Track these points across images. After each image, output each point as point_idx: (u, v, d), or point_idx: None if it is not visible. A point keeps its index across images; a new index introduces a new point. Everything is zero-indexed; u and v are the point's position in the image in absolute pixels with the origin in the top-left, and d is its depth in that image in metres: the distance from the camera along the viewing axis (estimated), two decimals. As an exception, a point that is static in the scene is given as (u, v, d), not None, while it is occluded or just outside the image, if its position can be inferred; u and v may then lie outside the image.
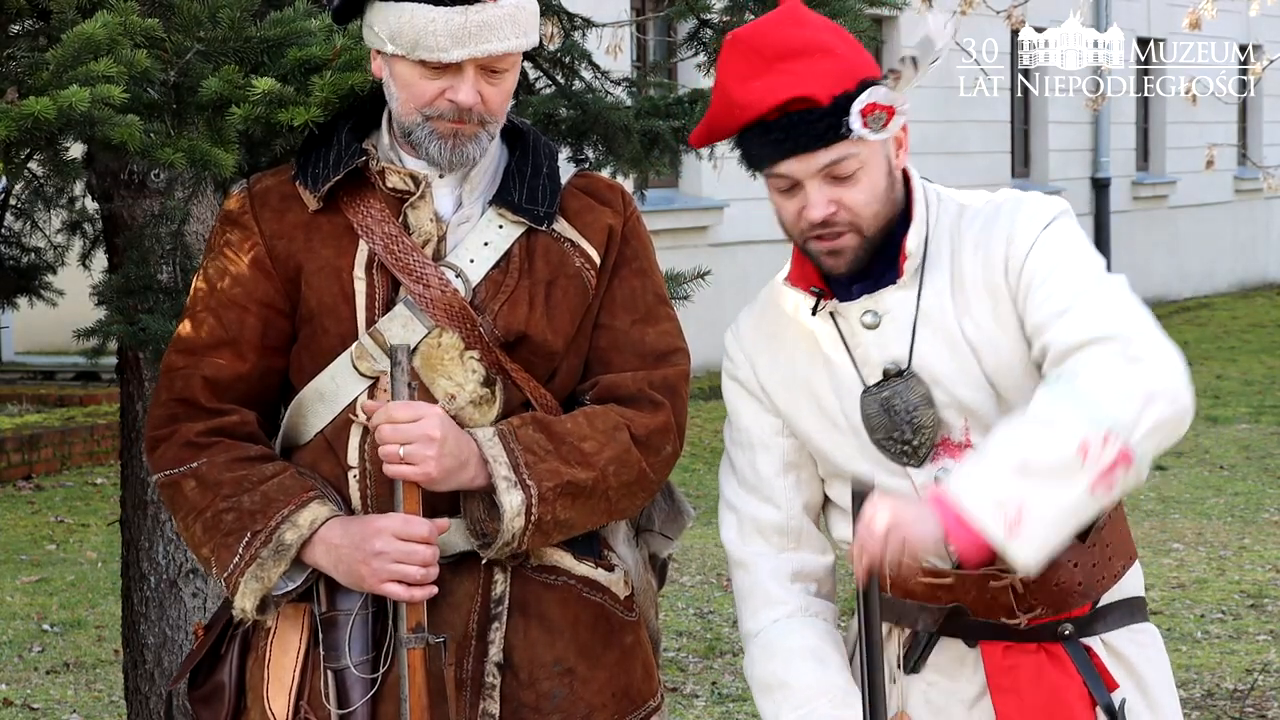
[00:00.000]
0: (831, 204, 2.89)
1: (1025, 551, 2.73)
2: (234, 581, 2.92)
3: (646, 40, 13.18)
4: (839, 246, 2.92)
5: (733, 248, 14.96)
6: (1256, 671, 7.11)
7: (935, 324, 2.94)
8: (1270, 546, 9.32)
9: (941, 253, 2.97)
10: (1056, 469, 2.71)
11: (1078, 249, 2.92)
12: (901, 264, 2.94)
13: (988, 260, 2.93)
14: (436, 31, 2.86)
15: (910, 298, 2.95)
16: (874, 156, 2.90)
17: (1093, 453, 2.70)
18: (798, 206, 2.91)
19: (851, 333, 2.99)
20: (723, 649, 7.57)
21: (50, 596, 8.51)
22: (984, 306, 2.92)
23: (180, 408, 3.00)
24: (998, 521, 2.71)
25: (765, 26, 2.93)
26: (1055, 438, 2.72)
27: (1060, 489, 2.71)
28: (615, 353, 3.04)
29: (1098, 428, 2.71)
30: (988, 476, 2.74)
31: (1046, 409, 2.75)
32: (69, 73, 2.97)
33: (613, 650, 3.07)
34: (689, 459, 11.91)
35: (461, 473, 2.90)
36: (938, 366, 2.94)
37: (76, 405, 12.66)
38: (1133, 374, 2.75)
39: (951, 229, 2.98)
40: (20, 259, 5.24)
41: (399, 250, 2.97)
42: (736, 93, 2.90)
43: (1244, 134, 23.51)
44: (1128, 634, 3.03)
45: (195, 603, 4.86)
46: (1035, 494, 2.71)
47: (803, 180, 2.89)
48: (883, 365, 2.96)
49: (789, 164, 2.89)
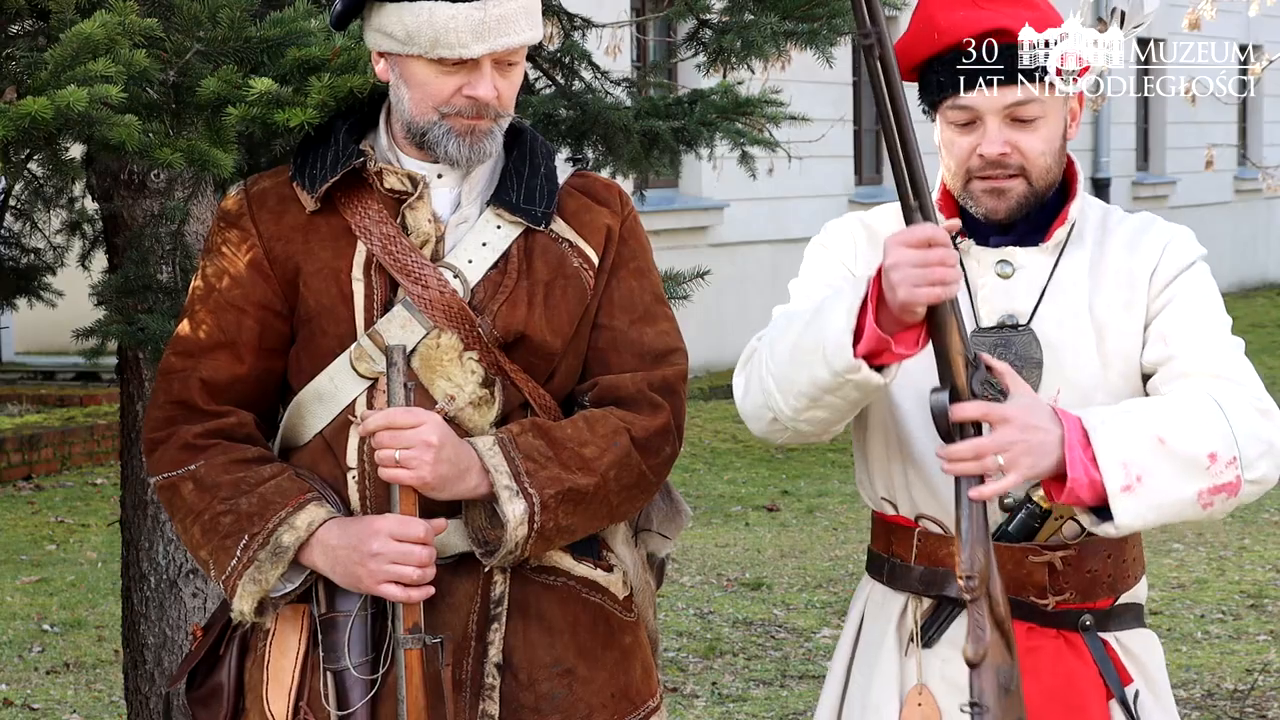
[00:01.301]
0: (1007, 144, 2.95)
1: (1128, 514, 2.80)
2: (232, 584, 2.92)
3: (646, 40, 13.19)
4: (1005, 186, 2.97)
5: (732, 248, 14.96)
6: (1256, 672, 7.11)
7: (1066, 292, 3.01)
8: (1270, 547, 9.32)
9: (1086, 236, 3.04)
10: (1186, 461, 2.81)
11: (1218, 296, 3.05)
12: (1053, 229, 3.01)
13: (1138, 254, 3.01)
14: (458, 28, 2.87)
15: (1048, 262, 3.02)
16: (1055, 110, 2.98)
17: (1218, 465, 2.82)
18: (973, 142, 2.97)
19: (980, 275, 3.03)
20: (722, 649, 7.57)
21: (50, 597, 8.51)
22: (1120, 292, 3.00)
23: (178, 410, 3.00)
24: (1118, 476, 2.78)
25: None
26: (1198, 433, 2.82)
27: (1180, 480, 2.81)
28: (614, 353, 3.04)
29: (1230, 447, 2.83)
30: (1129, 431, 2.81)
31: (1201, 403, 2.85)
32: (67, 73, 2.97)
33: (612, 650, 3.07)
34: (688, 459, 11.92)
35: (462, 482, 2.90)
36: (1055, 332, 2.99)
37: (76, 405, 12.66)
38: (1263, 424, 2.87)
39: (1098, 223, 3.07)
40: (20, 259, 5.24)
41: (397, 251, 2.97)
42: (940, 18, 2.97)
43: (1244, 134, 23.52)
44: (1135, 636, 3.07)
45: (195, 603, 4.86)
46: (1159, 471, 2.80)
47: (984, 115, 2.95)
48: (1002, 314, 3.01)
49: (976, 96, 2.95)
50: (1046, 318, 3.00)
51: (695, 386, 13.47)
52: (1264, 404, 2.90)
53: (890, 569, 3.08)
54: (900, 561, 3.06)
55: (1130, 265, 3.01)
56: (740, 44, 4.83)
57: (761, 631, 7.82)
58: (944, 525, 3.01)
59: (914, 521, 3.05)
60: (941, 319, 2.77)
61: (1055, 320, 3.00)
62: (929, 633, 3.04)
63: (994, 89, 2.94)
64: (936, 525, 3.02)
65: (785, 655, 7.45)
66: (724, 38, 4.86)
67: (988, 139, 2.95)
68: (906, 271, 2.72)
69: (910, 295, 2.73)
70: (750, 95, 5.08)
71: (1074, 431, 2.79)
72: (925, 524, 3.03)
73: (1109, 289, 3.01)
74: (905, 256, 2.73)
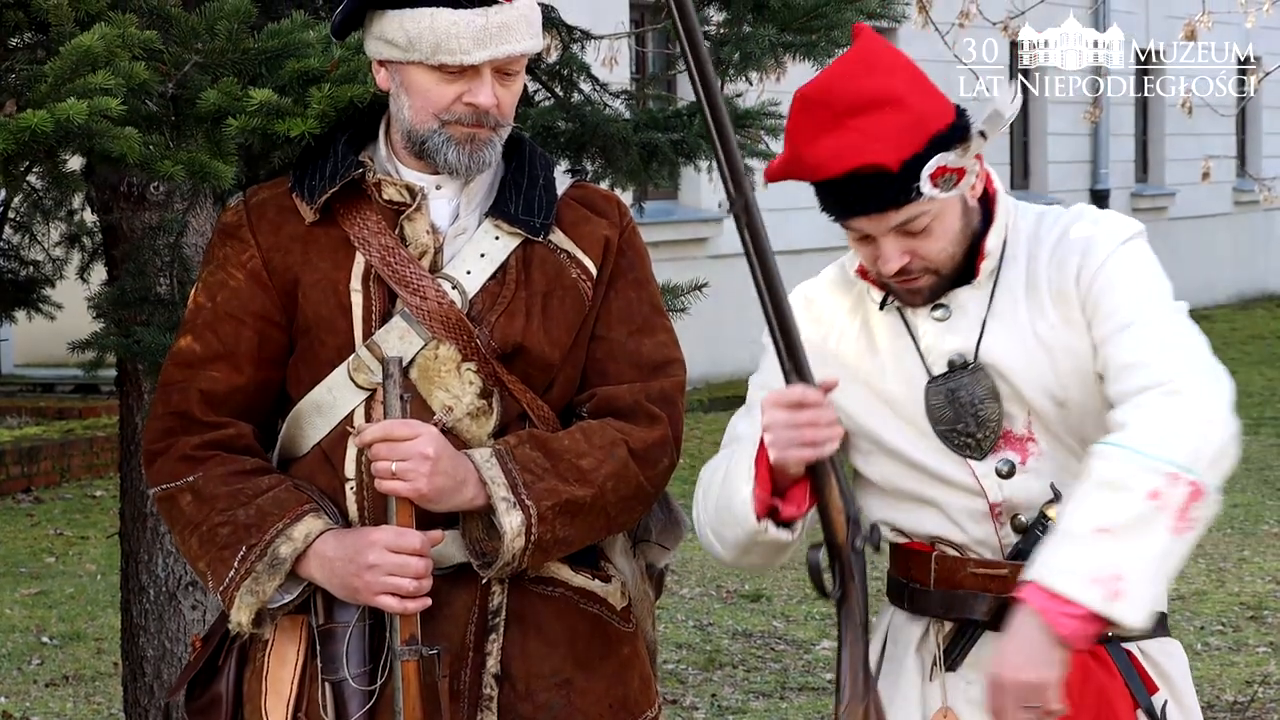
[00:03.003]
0: (905, 255, 2.92)
1: (1133, 613, 2.77)
2: (229, 595, 2.92)
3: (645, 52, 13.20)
4: (916, 286, 2.96)
5: (732, 260, 14.87)
6: (1256, 683, 7.11)
7: (1007, 321, 2.98)
8: (1270, 558, 9.32)
9: (1018, 255, 3.00)
10: (1136, 522, 2.75)
11: (1148, 270, 2.97)
12: (979, 264, 2.98)
13: (1062, 265, 2.97)
14: (460, 34, 2.87)
15: (983, 295, 3.00)
16: (948, 204, 2.92)
17: (1164, 496, 2.76)
18: (873, 254, 2.95)
19: (919, 324, 3.02)
20: (722, 661, 7.56)
21: (49, 609, 8.50)
22: (1056, 310, 2.96)
23: (176, 421, 3.00)
24: (1096, 594, 2.75)
25: (834, 79, 2.91)
26: (1125, 495, 2.76)
27: (1146, 540, 2.76)
28: (612, 364, 3.04)
29: (1161, 472, 2.76)
30: (1072, 553, 2.77)
31: (1108, 472, 2.79)
32: (67, 85, 2.97)
33: (610, 661, 3.07)
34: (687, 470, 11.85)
35: (459, 494, 2.90)
36: (1005, 360, 2.97)
37: (76, 418, 12.65)
38: (1181, 412, 2.80)
39: (1030, 234, 3.02)
40: (19, 272, 5.24)
41: (395, 262, 2.97)
42: (805, 152, 2.90)
43: (1243, 146, 23.53)
44: (1158, 645, 3.05)
45: (195, 615, 4.86)
46: (1125, 553, 2.75)
47: (875, 236, 2.91)
48: (949, 357, 2.99)
49: (860, 221, 2.91)
50: (993, 349, 2.97)
51: (694, 398, 13.48)
52: (1179, 384, 2.80)
53: (910, 594, 3.07)
54: (919, 586, 3.05)
55: (1059, 280, 2.96)
56: (738, 56, 4.83)
57: (761, 643, 7.81)
58: (960, 547, 3.01)
59: (930, 546, 3.05)
60: (821, 476, 2.87)
61: (1002, 349, 2.96)
62: (952, 655, 3.03)
63: (874, 216, 2.88)
64: (952, 549, 3.02)
65: (785, 667, 7.45)
66: (722, 50, 4.87)
67: (884, 257, 2.91)
68: (779, 433, 2.84)
69: (782, 456, 2.85)
70: (749, 108, 5.08)
71: (1040, 601, 2.77)
72: (941, 548, 3.03)
73: (1047, 309, 2.96)
74: (777, 418, 2.84)
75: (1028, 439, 2.97)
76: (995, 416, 2.96)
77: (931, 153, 2.87)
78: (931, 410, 2.99)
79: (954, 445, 2.99)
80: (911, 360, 3.01)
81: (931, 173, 2.86)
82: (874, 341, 3.05)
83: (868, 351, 3.05)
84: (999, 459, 2.97)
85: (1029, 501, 2.97)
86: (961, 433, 2.97)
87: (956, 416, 2.97)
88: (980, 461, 2.97)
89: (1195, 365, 2.86)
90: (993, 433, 2.97)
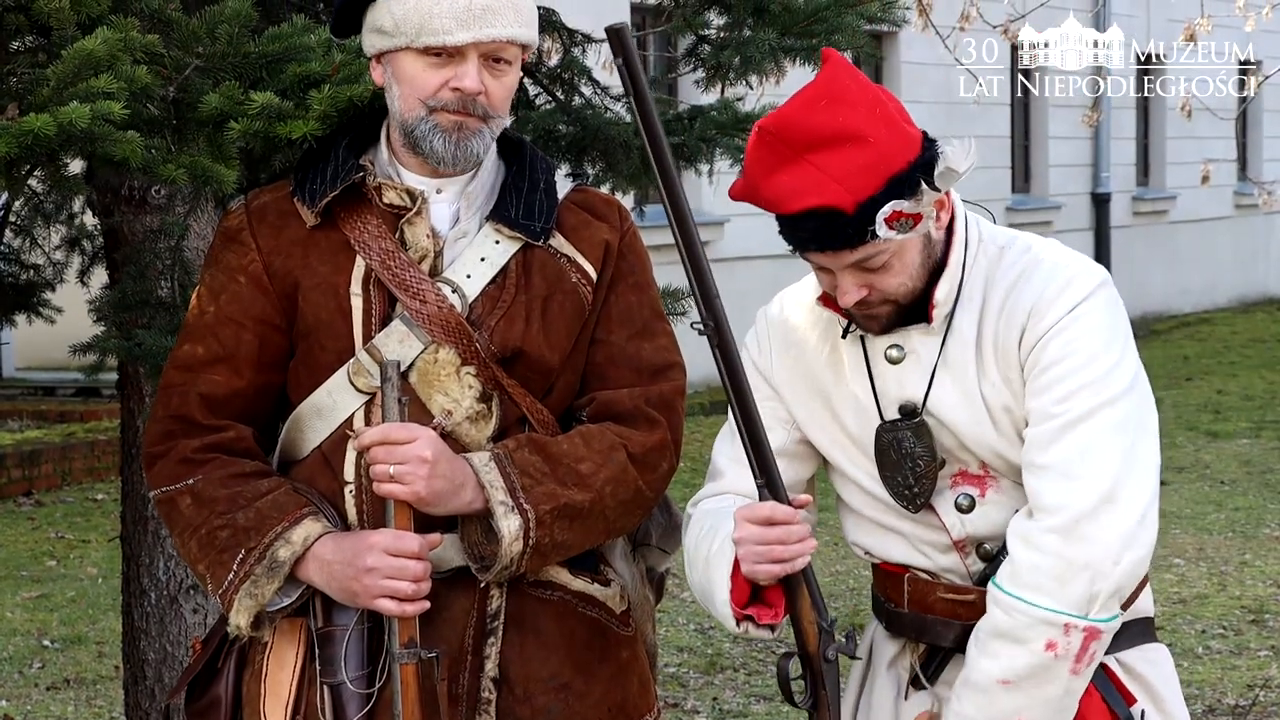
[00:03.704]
0: (863, 288, 2.91)
1: None
2: (228, 598, 2.93)
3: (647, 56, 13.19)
4: (874, 314, 2.96)
5: (733, 263, 14.97)
6: (1258, 687, 7.11)
7: (956, 374, 2.97)
8: (1271, 562, 9.31)
9: (974, 297, 2.97)
10: (1036, 672, 2.87)
11: (1096, 341, 2.90)
12: (931, 311, 2.96)
13: (1010, 321, 2.94)
14: (441, 14, 2.89)
15: (936, 342, 2.98)
16: (908, 241, 2.89)
17: (1061, 646, 2.86)
18: (832, 284, 2.94)
19: (876, 362, 3.01)
20: (724, 664, 7.56)
21: (51, 612, 8.50)
22: (999, 370, 2.95)
23: (177, 424, 3.01)
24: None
25: (795, 112, 2.86)
26: (1023, 649, 2.86)
27: (1046, 688, 2.88)
28: (612, 368, 3.04)
29: (1057, 624, 2.85)
30: (979, 703, 2.90)
31: (1006, 623, 2.88)
32: (69, 89, 2.97)
33: (608, 665, 3.07)
34: (689, 474, 11.89)
35: (457, 497, 2.90)
36: (951, 415, 2.97)
37: (77, 421, 12.66)
38: (1068, 554, 2.84)
39: (987, 273, 2.98)
40: (19, 276, 5.25)
41: (395, 266, 2.98)
42: (763, 185, 2.87)
43: (1245, 150, 23.52)
44: (1139, 653, 3.06)
45: (196, 619, 4.86)
46: (1026, 701, 2.88)
47: (833, 270, 2.91)
48: (899, 402, 2.99)
49: (817, 257, 2.91)
50: (940, 401, 2.96)
51: (695, 402, 13.47)
52: (1062, 519, 2.83)
53: (888, 615, 3.10)
54: (894, 607, 3.08)
55: (1004, 339, 2.94)
56: (738, 60, 4.83)
57: (762, 647, 7.81)
58: (932, 573, 3.03)
59: (902, 569, 3.06)
60: (793, 588, 2.93)
61: (949, 403, 2.96)
62: (927, 673, 3.06)
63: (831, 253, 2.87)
64: (924, 573, 3.04)
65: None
66: (722, 54, 4.87)
67: (842, 290, 2.91)
68: (749, 548, 2.89)
69: (752, 571, 2.91)
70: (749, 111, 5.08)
71: None
72: (914, 571, 3.05)
73: (989, 366, 2.95)
74: (748, 533, 2.89)
75: (985, 476, 2.98)
76: (930, 475, 2.98)
77: (889, 195, 2.82)
78: (879, 454, 3.01)
79: (893, 491, 3.01)
80: (867, 398, 3.02)
81: (886, 216, 2.83)
82: (840, 371, 3.05)
83: (834, 381, 3.05)
84: (958, 493, 2.99)
85: (992, 531, 2.98)
86: (900, 483, 3.00)
87: (897, 465, 2.99)
88: (914, 515, 3.00)
89: (1106, 487, 2.84)
90: (926, 490, 2.98)
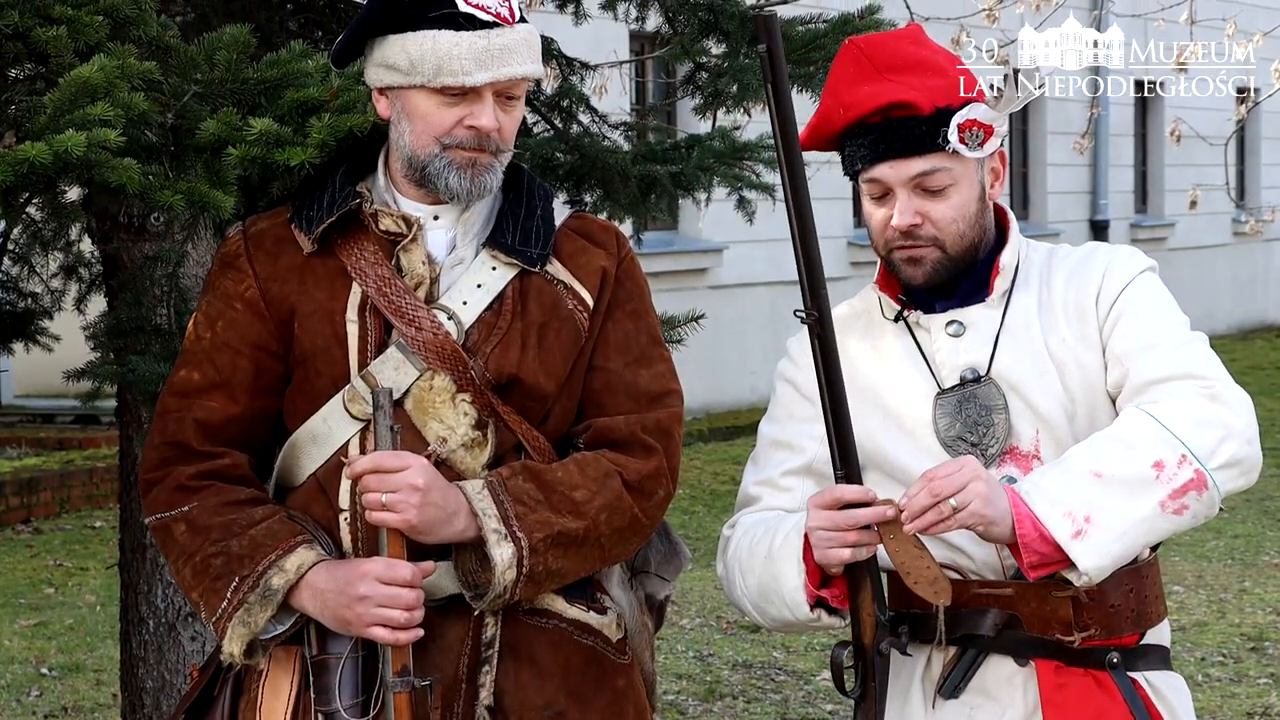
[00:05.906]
0: (918, 215, 2.99)
1: (1089, 556, 2.85)
2: (222, 625, 2.92)
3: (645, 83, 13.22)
4: (918, 255, 3.02)
5: (731, 290, 14.97)
6: (1258, 715, 7.09)
7: (1019, 337, 3.04)
8: (1270, 589, 9.30)
9: (1031, 279, 3.08)
10: (1130, 481, 2.85)
11: (1166, 299, 3.06)
12: (993, 280, 3.05)
13: (1082, 286, 3.04)
14: (461, 55, 2.89)
15: (996, 314, 3.06)
16: (967, 176, 3.02)
17: (1168, 470, 2.85)
18: (887, 214, 3.01)
19: (931, 341, 3.07)
20: (723, 692, 7.55)
21: (49, 640, 8.48)
22: (1071, 327, 3.03)
23: (172, 451, 3.00)
24: (1065, 525, 2.84)
25: (884, 38, 3.07)
26: (1132, 453, 2.86)
27: (1132, 501, 2.85)
28: (608, 395, 3.04)
29: (1175, 449, 2.85)
30: (1061, 482, 2.87)
31: (1127, 428, 2.89)
32: (66, 117, 2.98)
33: (604, 693, 3.06)
34: (688, 501, 11.89)
35: (450, 525, 2.90)
36: (1017, 374, 3.02)
37: (75, 448, 12.65)
38: (1213, 409, 2.89)
39: (1042, 264, 3.11)
40: (17, 304, 5.24)
41: (391, 293, 2.98)
42: (844, 93, 3.01)
43: (1243, 177, 23.55)
44: (1163, 678, 3.07)
45: (194, 646, 4.86)
46: (1106, 502, 2.85)
47: (894, 187, 2.99)
48: (961, 371, 3.04)
49: (883, 168, 2.99)
50: (1005, 363, 3.03)
51: (694, 429, 13.46)
52: (1216, 389, 2.91)
53: (912, 622, 3.07)
54: (920, 612, 3.05)
55: (1077, 298, 3.05)
56: (736, 88, 4.85)
57: (761, 674, 7.79)
58: (963, 570, 3.02)
59: None
60: (856, 578, 2.95)
61: (1014, 363, 3.03)
62: (955, 681, 3.04)
63: (900, 159, 2.98)
64: (956, 572, 3.03)
65: (785, 698, 7.43)
66: (719, 81, 4.88)
67: (898, 210, 2.99)
68: (820, 534, 2.93)
69: (823, 557, 2.94)
70: (747, 140, 5.09)
71: (1016, 500, 2.88)
72: (949, 571, 3.03)
73: (1061, 326, 3.04)
74: (819, 519, 2.93)
75: (1033, 456, 3.01)
76: (1002, 430, 3.01)
77: (963, 109, 2.97)
78: (937, 421, 3.03)
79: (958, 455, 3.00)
80: (921, 375, 3.06)
81: (961, 123, 2.95)
82: (883, 361, 3.10)
83: (876, 370, 3.10)
84: (1002, 476, 3.00)
85: None
86: (967, 441, 3.02)
87: (964, 426, 3.02)
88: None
89: (1230, 382, 2.94)
90: (998, 447, 3.01)
